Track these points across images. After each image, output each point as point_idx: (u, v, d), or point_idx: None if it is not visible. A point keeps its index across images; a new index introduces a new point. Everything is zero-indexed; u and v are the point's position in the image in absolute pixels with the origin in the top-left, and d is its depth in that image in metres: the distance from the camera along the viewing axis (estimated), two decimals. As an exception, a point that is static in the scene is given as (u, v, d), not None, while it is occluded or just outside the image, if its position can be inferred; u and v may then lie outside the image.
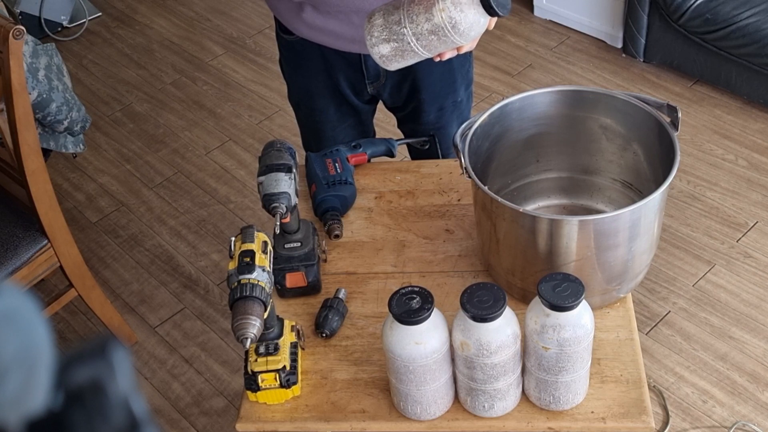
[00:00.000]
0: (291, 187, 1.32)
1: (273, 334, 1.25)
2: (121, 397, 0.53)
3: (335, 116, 1.74)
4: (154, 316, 2.42)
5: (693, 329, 2.21)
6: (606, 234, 1.22)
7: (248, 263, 1.15)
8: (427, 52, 1.26)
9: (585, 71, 3.10)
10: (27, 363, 0.50)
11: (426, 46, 1.25)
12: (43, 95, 2.35)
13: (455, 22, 1.21)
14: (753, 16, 2.67)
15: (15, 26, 1.69)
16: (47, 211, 1.95)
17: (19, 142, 1.83)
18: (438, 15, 1.21)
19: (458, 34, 1.23)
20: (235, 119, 3.09)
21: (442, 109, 1.72)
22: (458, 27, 1.22)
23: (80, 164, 2.96)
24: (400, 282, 1.40)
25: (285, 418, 1.26)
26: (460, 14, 1.21)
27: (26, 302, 0.51)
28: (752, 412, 2.03)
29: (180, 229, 2.67)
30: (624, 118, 1.36)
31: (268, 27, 3.51)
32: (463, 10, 1.21)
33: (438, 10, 1.21)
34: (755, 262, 2.37)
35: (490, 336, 1.10)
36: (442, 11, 1.21)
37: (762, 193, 2.56)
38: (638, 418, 1.20)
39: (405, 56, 1.27)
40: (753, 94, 2.82)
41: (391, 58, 1.27)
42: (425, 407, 1.20)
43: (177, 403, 2.20)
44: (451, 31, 1.22)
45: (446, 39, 1.24)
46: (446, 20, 1.21)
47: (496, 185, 1.41)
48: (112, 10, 3.76)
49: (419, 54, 1.27)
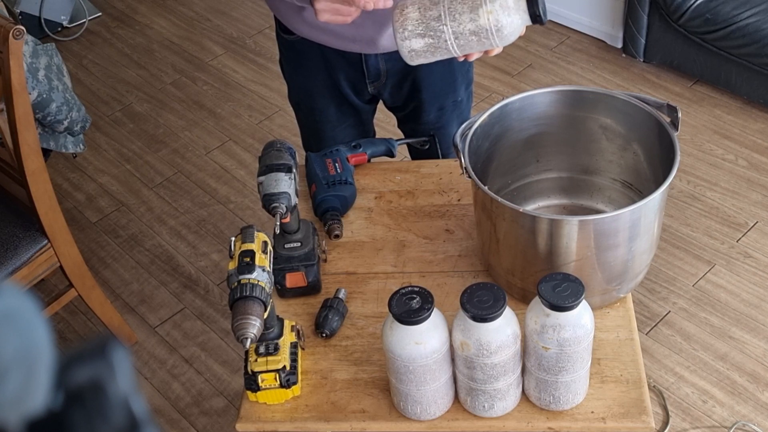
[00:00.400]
0: (291, 187, 1.32)
1: (273, 334, 1.25)
2: (121, 397, 0.53)
3: (335, 116, 1.74)
4: (154, 316, 2.42)
5: (693, 329, 2.21)
6: (606, 234, 1.22)
7: (248, 263, 1.15)
8: (460, 51, 1.25)
9: (585, 71, 3.10)
10: (27, 363, 0.50)
11: (462, 46, 1.24)
12: (43, 95, 2.35)
13: (501, 25, 1.21)
14: (753, 16, 2.67)
15: (15, 26, 1.69)
16: (47, 211, 1.95)
17: (19, 142, 1.83)
18: (485, 17, 1.20)
19: (500, 38, 1.22)
20: (235, 119, 3.09)
21: (443, 109, 1.72)
22: (502, 31, 1.21)
23: (80, 164, 2.96)
24: (400, 282, 1.40)
25: (285, 418, 1.26)
26: (507, 18, 1.20)
27: (26, 302, 0.51)
28: (752, 412, 2.03)
29: (180, 229, 2.67)
30: (624, 118, 1.36)
31: (268, 27, 3.51)
32: (510, 15, 1.20)
33: (485, 12, 1.20)
34: (755, 262, 2.37)
35: (490, 336, 1.10)
36: (490, 13, 1.20)
37: (762, 193, 2.56)
38: (638, 418, 1.20)
39: (435, 53, 1.25)
40: (753, 94, 2.82)
41: (420, 53, 1.25)
42: (425, 407, 1.20)
43: (177, 403, 2.20)
44: (494, 35, 1.22)
45: (486, 41, 1.23)
46: (492, 23, 1.20)
47: (496, 185, 1.41)
48: (112, 10, 3.76)
49: (451, 52, 1.25)
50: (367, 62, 1.61)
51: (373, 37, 1.53)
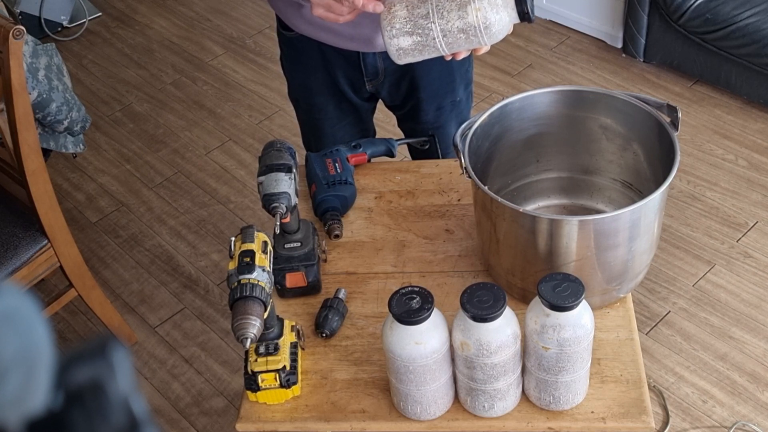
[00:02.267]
0: (291, 187, 1.32)
1: (273, 334, 1.25)
2: (121, 397, 0.53)
3: (335, 113, 1.74)
4: (154, 316, 2.42)
5: (693, 329, 2.21)
6: (606, 234, 1.22)
7: (248, 263, 1.15)
8: (448, 49, 1.25)
9: (585, 71, 3.10)
10: (27, 363, 0.50)
11: (450, 44, 1.23)
12: (43, 95, 2.35)
13: (489, 23, 1.20)
14: (753, 16, 2.67)
15: (15, 26, 1.69)
16: (47, 211, 1.95)
17: (19, 142, 1.83)
18: (473, 14, 1.20)
19: (488, 35, 1.22)
20: (235, 119, 3.09)
21: (441, 109, 1.72)
22: (491, 28, 1.21)
23: (80, 164, 2.96)
24: (400, 282, 1.40)
25: (285, 418, 1.26)
26: (496, 16, 1.20)
27: (26, 302, 0.51)
28: (752, 412, 2.03)
29: (180, 229, 2.67)
30: (624, 118, 1.36)
31: (268, 27, 3.51)
32: (498, 12, 1.20)
33: (474, 9, 1.20)
34: (755, 262, 2.37)
35: (490, 336, 1.10)
36: (478, 11, 1.19)
37: (762, 193, 2.56)
38: (638, 418, 1.20)
39: (423, 52, 1.25)
40: (753, 94, 2.82)
41: (408, 52, 1.25)
42: (425, 407, 1.20)
43: (177, 403, 2.20)
44: (483, 32, 1.21)
45: (474, 39, 1.22)
46: (481, 20, 1.20)
47: (496, 185, 1.41)
48: (112, 10, 3.76)
49: (439, 51, 1.25)
50: (365, 60, 1.61)
51: (371, 36, 1.53)
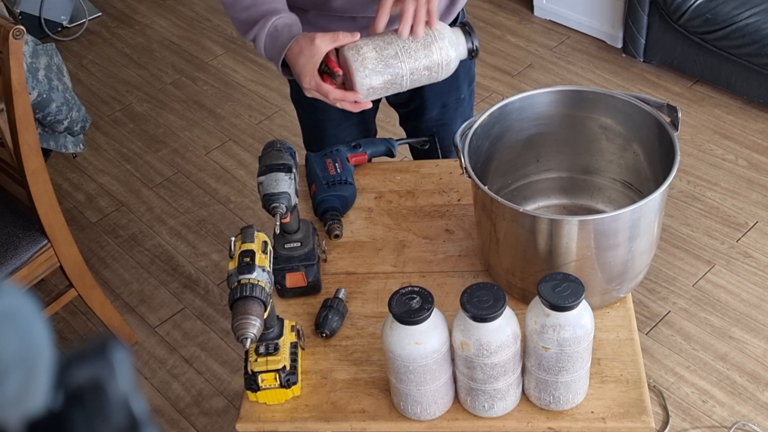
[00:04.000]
0: (291, 187, 1.32)
1: (273, 334, 1.25)
2: (121, 397, 0.53)
3: (338, 114, 1.73)
4: (154, 316, 2.42)
5: (693, 329, 2.21)
6: (606, 234, 1.22)
7: (248, 263, 1.15)
8: (410, 85, 1.35)
9: (585, 71, 3.10)
10: (27, 363, 0.50)
11: (414, 81, 1.34)
12: (43, 95, 2.35)
13: (450, 59, 1.33)
14: (753, 16, 2.67)
15: (15, 26, 1.69)
16: (47, 211, 1.95)
17: (19, 142, 1.83)
18: (437, 53, 1.31)
19: (447, 71, 1.35)
20: (235, 119, 3.09)
21: (446, 106, 1.73)
22: (450, 65, 1.34)
23: (80, 164, 2.96)
24: (400, 282, 1.40)
25: (285, 418, 1.26)
26: (454, 53, 1.33)
27: (26, 302, 0.51)
28: (752, 412, 2.03)
29: (180, 229, 2.68)
30: (624, 118, 1.36)
31: (268, 27, 3.51)
32: (456, 49, 1.33)
33: (438, 48, 1.31)
34: (755, 262, 2.37)
35: (490, 336, 1.10)
36: (441, 50, 1.31)
37: (762, 193, 2.56)
38: (638, 418, 1.20)
39: (389, 89, 1.35)
40: (753, 94, 2.82)
41: (377, 90, 1.34)
42: (425, 407, 1.20)
43: (177, 403, 2.20)
44: (444, 68, 1.34)
45: (435, 75, 1.34)
46: (444, 57, 1.32)
47: (496, 185, 1.41)
48: (112, 10, 3.76)
49: (402, 87, 1.35)
50: None
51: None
